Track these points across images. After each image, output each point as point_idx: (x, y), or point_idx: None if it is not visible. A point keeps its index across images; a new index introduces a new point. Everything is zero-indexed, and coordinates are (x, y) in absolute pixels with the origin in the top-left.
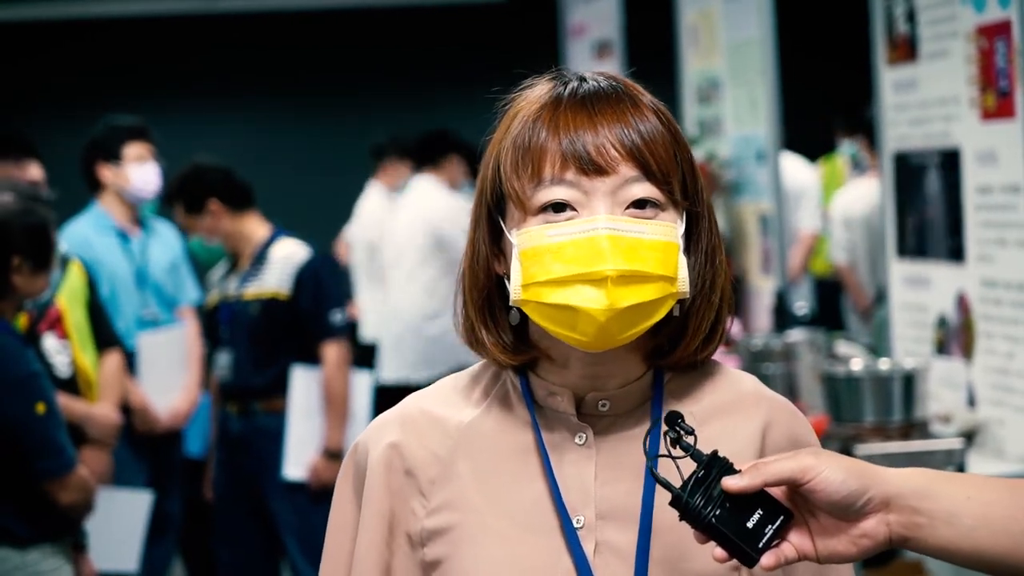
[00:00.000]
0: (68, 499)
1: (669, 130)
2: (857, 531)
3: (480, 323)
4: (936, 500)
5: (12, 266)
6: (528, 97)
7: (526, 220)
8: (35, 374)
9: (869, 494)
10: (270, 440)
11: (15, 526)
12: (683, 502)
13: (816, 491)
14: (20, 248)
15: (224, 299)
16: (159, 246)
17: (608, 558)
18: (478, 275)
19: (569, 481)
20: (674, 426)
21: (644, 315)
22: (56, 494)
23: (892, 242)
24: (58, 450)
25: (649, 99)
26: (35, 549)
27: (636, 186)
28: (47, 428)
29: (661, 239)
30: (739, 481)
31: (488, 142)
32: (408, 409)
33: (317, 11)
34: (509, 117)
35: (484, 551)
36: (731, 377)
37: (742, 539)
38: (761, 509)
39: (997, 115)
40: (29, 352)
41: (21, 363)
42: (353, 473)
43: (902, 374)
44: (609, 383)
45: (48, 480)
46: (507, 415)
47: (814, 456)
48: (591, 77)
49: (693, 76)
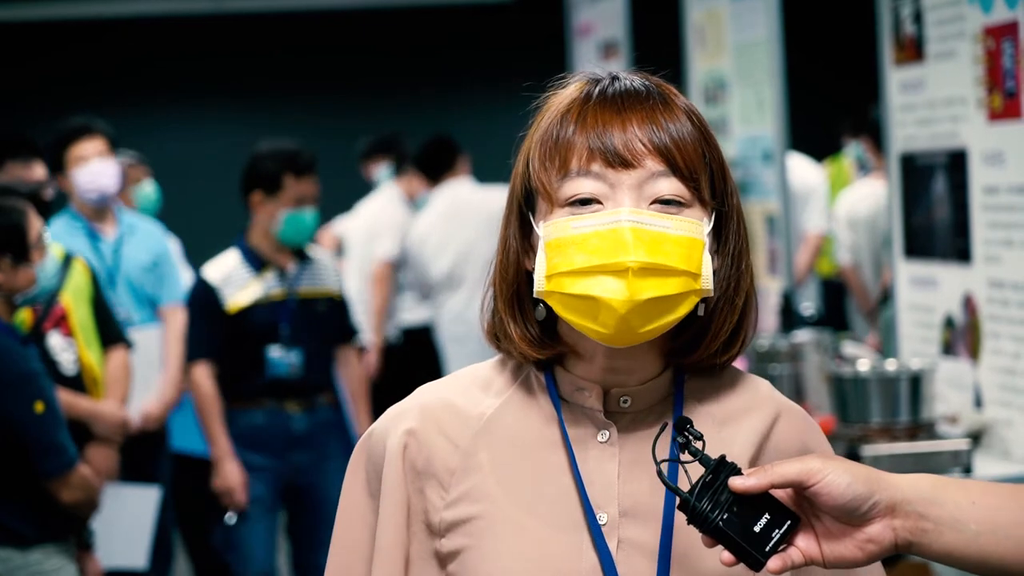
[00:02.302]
0: (70, 498)
1: (700, 131)
2: (863, 536)
3: (509, 317)
4: (942, 506)
5: None
6: (560, 95)
7: (553, 212)
8: (34, 373)
9: (875, 499)
10: (332, 433)
11: (18, 526)
12: (690, 506)
13: (822, 494)
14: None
15: (271, 298)
16: (137, 245)
17: (631, 555)
18: (508, 270)
19: (592, 477)
20: (683, 431)
21: (665, 309)
22: (58, 493)
23: (899, 243)
24: (58, 449)
25: (683, 101)
26: (38, 549)
27: (662, 181)
28: (46, 427)
29: (686, 235)
30: (746, 482)
31: (521, 139)
32: (426, 398)
33: (322, 12)
34: (542, 115)
35: (506, 544)
36: (748, 382)
37: (749, 543)
38: (768, 514)
39: (1004, 116)
40: (29, 351)
41: (20, 362)
42: (366, 460)
43: (909, 375)
44: (630, 379)
45: (49, 479)
46: (530, 409)
47: (820, 460)
48: (624, 76)
49: (700, 76)
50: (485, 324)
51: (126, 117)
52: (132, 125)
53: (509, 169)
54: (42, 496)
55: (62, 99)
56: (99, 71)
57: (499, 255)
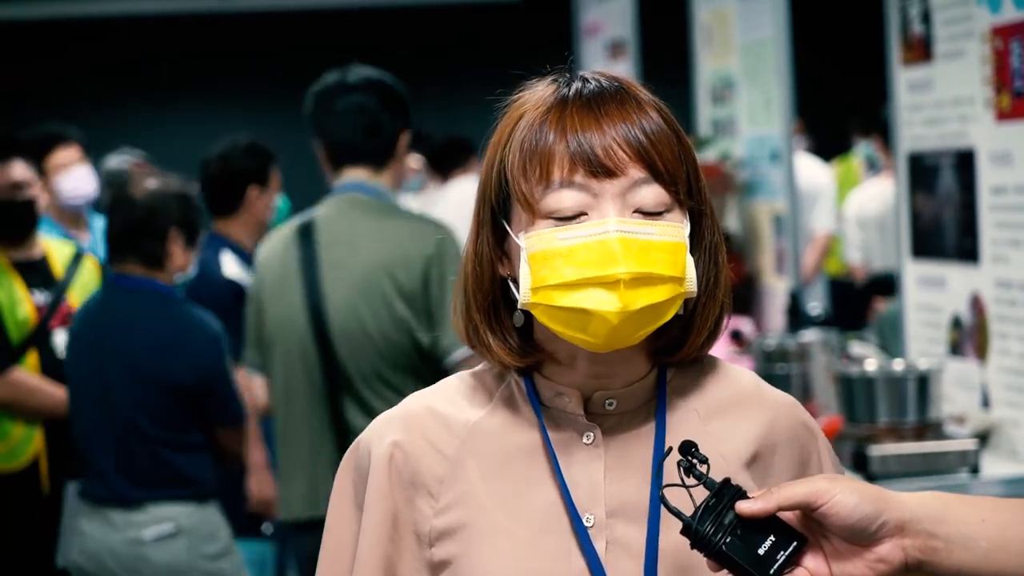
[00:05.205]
0: (238, 448)
1: (672, 128)
2: (873, 556)
3: (485, 326)
4: (951, 524)
5: (176, 238)
6: (529, 100)
7: (534, 223)
8: (221, 332)
9: (883, 518)
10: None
11: (202, 479)
12: (693, 530)
13: (830, 515)
14: (176, 222)
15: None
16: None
17: (619, 555)
18: (482, 278)
19: (579, 480)
20: (687, 455)
21: (655, 316)
22: (230, 442)
23: (906, 242)
24: (237, 401)
25: (650, 97)
26: (212, 503)
27: (645, 188)
28: (231, 380)
29: (670, 240)
30: (752, 505)
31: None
32: (412, 407)
33: (328, 10)
34: (511, 119)
35: (495, 551)
36: (731, 373)
37: (753, 566)
38: (773, 535)
39: (1012, 116)
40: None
41: (213, 322)
42: (353, 470)
43: (916, 375)
44: (614, 382)
45: (227, 428)
46: (513, 416)
47: (828, 480)
48: (592, 77)
49: (707, 76)
50: (458, 330)
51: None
52: (138, 124)
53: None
54: (212, 450)
55: (67, 98)
56: (105, 70)
57: (471, 263)
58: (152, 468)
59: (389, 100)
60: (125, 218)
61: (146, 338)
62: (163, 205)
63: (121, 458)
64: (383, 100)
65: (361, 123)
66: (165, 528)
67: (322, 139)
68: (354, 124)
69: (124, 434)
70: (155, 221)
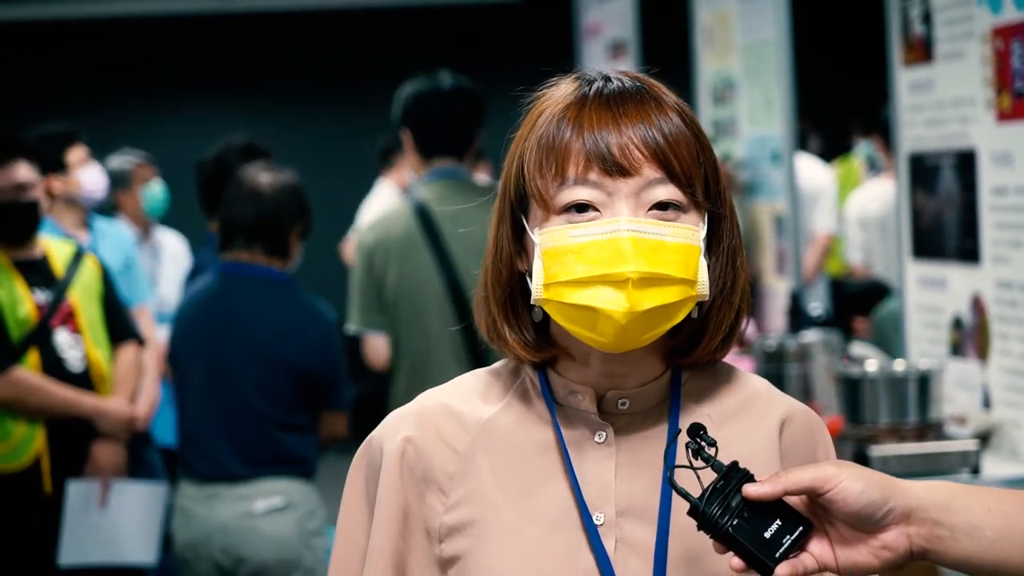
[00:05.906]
0: (342, 432)
1: (692, 131)
2: (878, 543)
3: (503, 319)
4: (957, 513)
5: (296, 230)
6: (552, 96)
7: (549, 219)
8: (336, 322)
9: (889, 505)
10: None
11: (311, 458)
12: (700, 511)
13: (836, 501)
14: (300, 217)
15: None
16: (109, 249)
17: (628, 555)
18: (501, 272)
19: (589, 478)
20: (696, 437)
21: (664, 318)
22: (335, 426)
23: (907, 243)
24: (346, 386)
25: (673, 99)
26: (315, 480)
27: (659, 188)
28: (343, 365)
29: (683, 242)
30: (760, 488)
31: (511, 140)
32: (426, 404)
33: (329, 11)
34: (533, 116)
35: (505, 547)
36: (744, 379)
37: (758, 549)
38: (780, 519)
39: (1013, 116)
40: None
41: (331, 312)
42: (366, 466)
43: (917, 375)
44: (628, 381)
45: (335, 412)
46: (527, 412)
47: (835, 466)
48: (615, 76)
49: (708, 76)
50: (479, 324)
51: (134, 117)
52: (140, 125)
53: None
54: (316, 433)
55: (67, 98)
56: (105, 70)
57: (491, 256)
58: (265, 447)
59: (473, 104)
60: (257, 208)
61: (271, 323)
62: (290, 198)
63: (236, 438)
64: (469, 104)
65: (453, 125)
66: (275, 501)
67: (414, 133)
68: (448, 126)
69: (242, 415)
70: (283, 212)
